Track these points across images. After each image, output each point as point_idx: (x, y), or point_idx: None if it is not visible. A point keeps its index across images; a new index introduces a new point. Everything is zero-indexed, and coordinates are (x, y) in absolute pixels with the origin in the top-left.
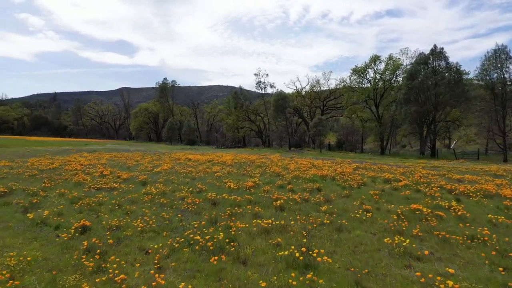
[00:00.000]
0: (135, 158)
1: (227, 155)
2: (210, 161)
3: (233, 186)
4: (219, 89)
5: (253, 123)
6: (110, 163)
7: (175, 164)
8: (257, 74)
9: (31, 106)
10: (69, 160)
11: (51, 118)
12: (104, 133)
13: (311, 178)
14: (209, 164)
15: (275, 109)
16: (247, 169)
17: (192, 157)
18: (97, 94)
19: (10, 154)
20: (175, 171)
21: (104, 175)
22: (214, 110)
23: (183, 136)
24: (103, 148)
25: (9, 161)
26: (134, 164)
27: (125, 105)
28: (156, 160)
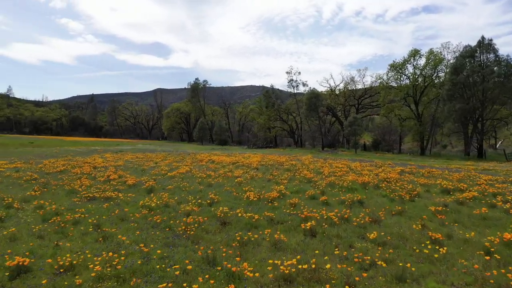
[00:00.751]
0: (155, 160)
1: (255, 156)
2: (234, 163)
3: (252, 197)
4: (251, 89)
5: (285, 122)
6: (126, 165)
7: (195, 166)
8: (289, 72)
9: (69, 108)
10: (86, 162)
11: (87, 119)
12: (138, 133)
13: (349, 186)
14: (232, 167)
15: (307, 107)
16: (274, 173)
17: (215, 159)
18: (133, 96)
19: (34, 155)
20: (191, 175)
21: (110, 180)
22: (246, 110)
23: (214, 136)
24: (132, 148)
25: (24, 162)
26: (150, 167)
27: (158, 105)
28: (176, 162)
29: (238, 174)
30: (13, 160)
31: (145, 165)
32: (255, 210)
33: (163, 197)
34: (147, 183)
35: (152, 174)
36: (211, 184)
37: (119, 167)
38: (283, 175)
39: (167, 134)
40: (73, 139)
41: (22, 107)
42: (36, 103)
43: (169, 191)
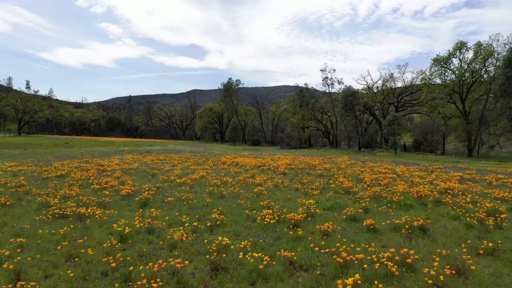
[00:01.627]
0: (175, 162)
1: (284, 158)
2: (259, 166)
3: (269, 218)
4: (285, 89)
5: (319, 122)
6: (139, 168)
7: (214, 170)
8: (323, 70)
9: (107, 109)
10: (99, 164)
11: (124, 120)
12: (172, 133)
13: (401, 201)
14: (255, 172)
15: (343, 106)
16: (304, 179)
17: (240, 161)
18: (169, 97)
19: (55, 156)
20: (203, 182)
21: (105, 187)
22: (279, 109)
23: (247, 136)
24: (160, 149)
25: (35, 164)
26: (164, 170)
27: (191, 105)
28: (195, 165)
29: (260, 181)
30: (25, 162)
31: (159, 169)
32: (269, 243)
33: (154, 214)
34: (146, 192)
35: (159, 180)
36: (223, 195)
37: (128, 171)
38: (314, 183)
39: (200, 135)
40: (107, 140)
41: (62, 108)
42: (75, 105)
43: (167, 205)
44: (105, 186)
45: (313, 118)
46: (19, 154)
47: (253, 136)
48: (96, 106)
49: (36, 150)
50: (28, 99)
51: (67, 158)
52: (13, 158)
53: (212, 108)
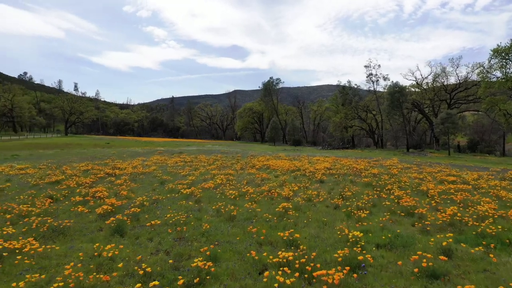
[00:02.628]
0: (198, 165)
1: (324, 161)
2: (294, 171)
3: (284, 277)
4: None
5: (363, 121)
6: (155, 172)
7: (238, 176)
8: (367, 66)
9: (151, 110)
10: (115, 167)
11: (166, 120)
12: (213, 134)
13: (502, 235)
14: (287, 178)
15: (390, 103)
16: (347, 191)
17: (272, 164)
18: (212, 98)
19: (79, 157)
20: (216, 193)
21: (86, 201)
22: (321, 108)
23: (287, 136)
24: (195, 150)
25: (47, 166)
26: (179, 176)
27: (231, 105)
28: (219, 169)
29: (288, 193)
30: (39, 164)
31: (175, 174)
32: None
33: (111, 255)
34: (132, 209)
35: (164, 190)
36: (231, 217)
37: (138, 176)
38: (361, 197)
39: (240, 135)
40: (148, 140)
41: (108, 109)
42: (121, 106)
43: (147, 232)
44: (88, 199)
45: (356, 117)
46: (50, 155)
47: (294, 136)
48: (140, 107)
49: (72, 150)
50: (75, 101)
51: (90, 160)
52: (37, 158)
53: (252, 107)
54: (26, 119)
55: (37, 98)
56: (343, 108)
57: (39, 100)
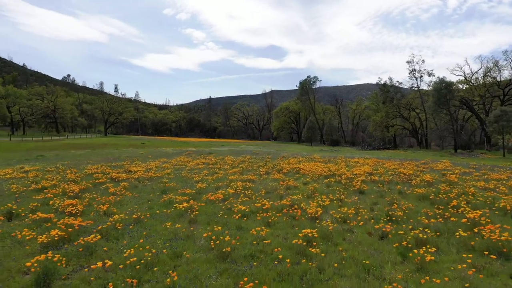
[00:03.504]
0: (221, 167)
1: (364, 164)
2: (328, 176)
3: None
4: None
5: (406, 120)
6: (163, 178)
7: (259, 183)
8: (410, 62)
9: (189, 110)
10: (130, 169)
11: (203, 120)
12: (249, 134)
13: None
14: (318, 186)
15: (436, 100)
16: (397, 209)
17: (303, 168)
18: (249, 98)
19: (104, 158)
20: (221, 210)
21: (47, 219)
22: (360, 107)
23: (325, 136)
24: (227, 150)
25: (55, 168)
26: (190, 182)
27: (268, 105)
28: (241, 173)
29: (315, 211)
30: (53, 165)
31: (187, 179)
32: None
33: None
34: (91, 236)
35: (158, 203)
36: (226, 254)
37: (142, 182)
38: (417, 218)
39: (277, 135)
40: (184, 140)
41: (147, 110)
42: (159, 107)
43: (86, 280)
44: (50, 216)
45: (398, 115)
46: (76, 155)
47: (331, 136)
48: (177, 108)
49: (103, 150)
50: (113, 101)
51: (112, 161)
52: (59, 159)
53: (289, 107)
54: (68, 120)
55: (80, 99)
56: (384, 107)
57: (82, 102)
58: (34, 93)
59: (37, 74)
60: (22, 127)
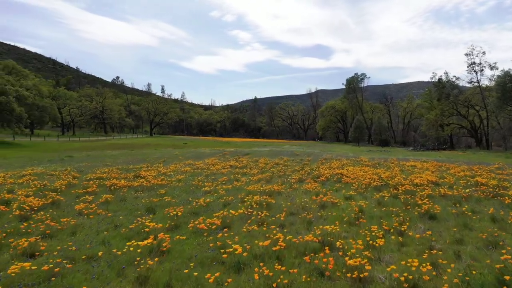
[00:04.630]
0: (246, 172)
1: (423, 168)
2: (378, 187)
3: None
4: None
5: (463, 118)
6: (179, 182)
7: (286, 196)
8: (469, 54)
9: (235, 110)
10: (139, 174)
11: (248, 120)
12: (294, 134)
13: None
14: (363, 206)
15: (499, 96)
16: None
17: (347, 173)
18: (296, 98)
19: (135, 159)
20: (202, 252)
21: None
22: (411, 105)
23: (373, 136)
24: (267, 151)
25: (60, 170)
26: (195, 194)
27: (313, 104)
28: (267, 181)
29: (360, 261)
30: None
31: (195, 188)
32: None
33: None
34: None
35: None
36: None
37: (135, 192)
38: None
39: (322, 134)
40: (227, 140)
41: (193, 110)
42: (205, 107)
43: None
44: None
45: (455, 113)
46: (109, 155)
47: (380, 135)
48: (222, 108)
49: (141, 150)
50: (159, 102)
51: (139, 162)
52: (83, 160)
53: (335, 105)
54: (115, 120)
55: (128, 100)
56: (439, 104)
57: (130, 103)
58: (83, 95)
59: (90, 77)
60: (72, 128)
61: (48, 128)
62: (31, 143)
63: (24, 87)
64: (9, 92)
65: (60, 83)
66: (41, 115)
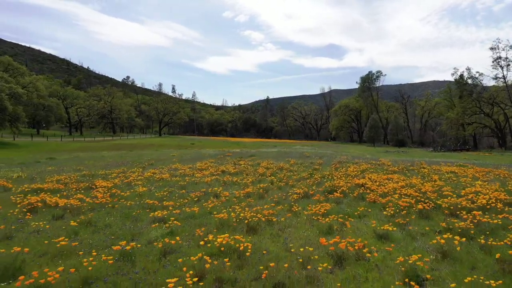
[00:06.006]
0: (230, 184)
1: (471, 178)
2: (427, 215)
3: None
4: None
5: (487, 117)
6: (131, 199)
7: (272, 237)
8: (494, 48)
9: (246, 110)
10: (95, 184)
11: (259, 120)
12: (307, 134)
13: None
14: (417, 264)
15: None
16: None
17: (370, 184)
18: (308, 98)
19: (127, 162)
20: None
21: None
22: (429, 104)
23: (389, 136)
24: (276, 151)
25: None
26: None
27: (326, 104)
28: (260, 197)
29: None
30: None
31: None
32: None
33: None
34: None
35: None
36: None
37: None
38: None
39: (335, 134)
40: (237, 140)
41: (204, 110)
42: (216, 107)
43: None
44: None
45: (478, 111)
46: (100, 157)
47: (397, 135)
48: (233, 108)
49: (142, 151)
50: (168, 101)
51: (122, 165)
52: (62, 163)
53: (349, 104)
54: (124, 120)
55: (139, 100)
56: (460, 102)
57: (140, 103)
58: (92, 94)
59: (103, 78)
60: (79, 128)
61: (57, 128)
62: (30, 143)
63: (20, 84)
64: (1, 89)
65: (72, 83)
66: (46, 115)
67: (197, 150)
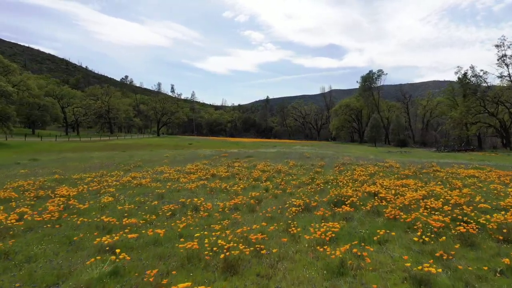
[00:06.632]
0: (218, 191)
1: (498, 183)
2: (470, 241)
3: None
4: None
5: (492, 116)
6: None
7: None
8: (499, 46)
9: (246, 110)
10: (56, 193)
11: (259, 120)
12: (307, 134)
13: None
14: None
15: None
16: None
17: (384, 192)
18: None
19: (111, 164)
20: None
21: None
22: (431, 103)
23: (391, 135)
24: (275, 152)
25: None
26: None
27: (326, 103)
28: (251, 211)
29: None
30: None
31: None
32: None
33: None
34: None
35: None
36: None
37: None
38: None
39: (335, 134)
40: (236, 140)
41: (203, 110)
42: (216, 107)
43: None
44: None
45: (483, 110)
46: (91, 157)
47: (399, 135)
48: (233, 108)
49: (136, 151)
50: (166, 101)
51: (103, 168)
52: (44, 164)
53: (349, 104)
54: (122, 120)
55: (137, 100)
56: (464, 101)
57: (139, 102)
58: (89, 94)
59: (102, 78)
60: (76, 128)
61: (55, 128)
62: (23, 143)
63: (11, 82)
64: None
65: (70, 82)
66: (42, 114)
67: (193, 150)
